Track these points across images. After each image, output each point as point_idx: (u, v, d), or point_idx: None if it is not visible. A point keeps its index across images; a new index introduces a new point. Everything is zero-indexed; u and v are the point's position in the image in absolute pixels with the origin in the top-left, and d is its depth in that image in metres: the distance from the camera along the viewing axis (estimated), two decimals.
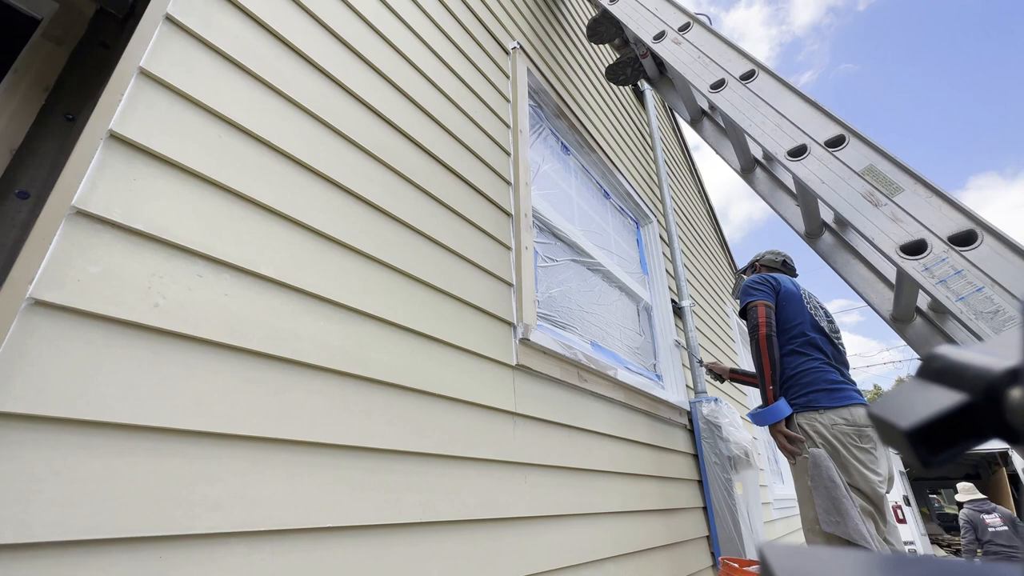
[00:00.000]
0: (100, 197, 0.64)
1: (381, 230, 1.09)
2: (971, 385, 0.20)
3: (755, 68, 1.55)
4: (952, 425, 0.19)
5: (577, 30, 2.79)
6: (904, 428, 0.20)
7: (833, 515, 1.52)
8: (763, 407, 1.74)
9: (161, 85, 0.74)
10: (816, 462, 1.60)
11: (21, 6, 1.13)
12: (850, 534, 1.48)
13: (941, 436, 0.20)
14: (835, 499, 1.53)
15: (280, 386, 0.79)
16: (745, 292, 1.94)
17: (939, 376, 0.21)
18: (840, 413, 1.66)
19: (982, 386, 0.19)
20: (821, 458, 1.60)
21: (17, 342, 0.54)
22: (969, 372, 0.20)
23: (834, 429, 1.64)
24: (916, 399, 0.21)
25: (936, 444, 0.20)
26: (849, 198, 1.17)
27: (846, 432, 1.63)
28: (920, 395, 0.21)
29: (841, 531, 1.49)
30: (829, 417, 1.66)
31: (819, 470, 1.59)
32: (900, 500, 8.97)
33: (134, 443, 0.61)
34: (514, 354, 1.38)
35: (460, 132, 1.47)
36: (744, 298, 1.92)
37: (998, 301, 0.90)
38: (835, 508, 1.52)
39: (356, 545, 0.83)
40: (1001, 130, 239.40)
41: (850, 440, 1.62)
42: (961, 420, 0.19)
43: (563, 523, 1.35)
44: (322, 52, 1.06)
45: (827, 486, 1.55)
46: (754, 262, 2.39)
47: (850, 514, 1.50)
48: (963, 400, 0.19)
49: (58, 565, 0.53)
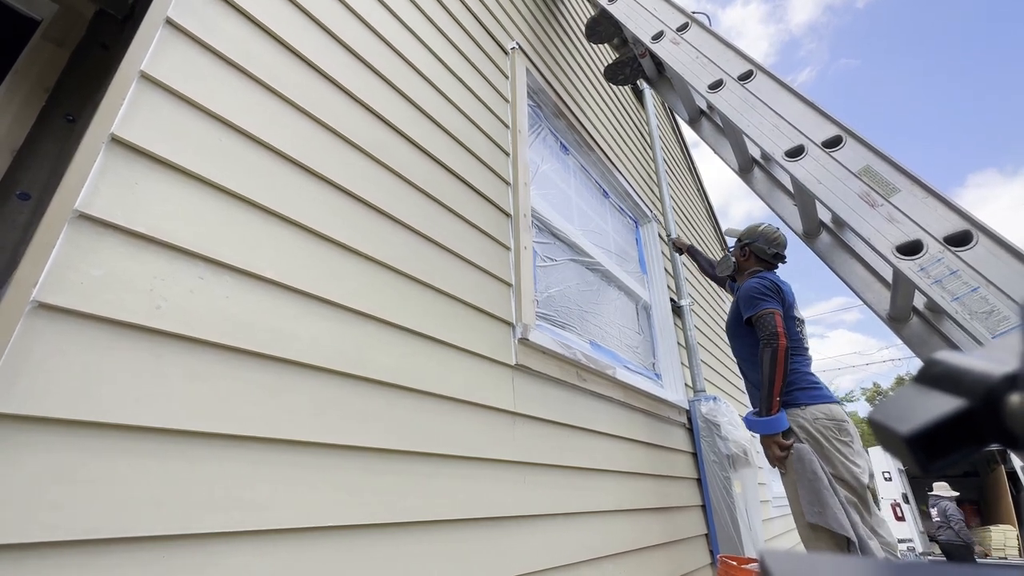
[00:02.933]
0: (102, 201, 0.64)
1: (380, 231, 1.09)
2: (970, 390, 0.19)
3: (753, 68, 1.55)
4: (951, 431, 0.19)
5: (576, 30, 2.79)
6: (904, 434, 0.20)
7: (816, 506, 1.59)
8: (761, 415, 1.75)
9: (162, 89, 0.75)
10: (800, 456, 1.67)
11: (21, 7, 1.13)
12: (829, 523, 1.55)
13: (940, 442, 0.19)
14: (816, 491, 1.60)
15: (280, 387, 0.79)
16: (752, 299, 1.89)
17: (938, 381, 0.21)
18: (820, 409, 1.75)
19: (981, 392, 0.19)
20: (805, 452, 1.67)
21: (21, 344, 0.55)
22: (968, 377, 0.20)
23: (816, 424, 1.73)
24: (915, 405, 0.21)
25: (935, 450, 0.20)
26: (846, 198, 1.18)
27: (827, 426, 1.72)
28: (919, 401, 0.21)
29: (822, 520, 1.56)
30: (811, 412, 1.75)
31: (803, 464, 1.65)
32: (899, 498, 9.00)
33: (136, 444, 0.62)
34: (513, 354, 1.39)
35: (459, 133, 1.48)
36: (754, 304, 1.88)
37: (993, 301, 0.91)
38: (817, 499, 1.60)
39: (356, 545, 0.84)
40: (1000, 127, 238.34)
41: (831, 433, 1.70)
42: (960, 426, 0.19)
43: (562, 522, 1.36)
44: (321, 54, 1.06)
45: (810, 479, 1.62)
46: (745, 245, 2.23)
47: (829, 504, 1.57)
48: (962, 406, 0.19)
49: (60, 566, 0.54)
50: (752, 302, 1.89)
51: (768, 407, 1.73)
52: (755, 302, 1.88)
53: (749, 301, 1.91)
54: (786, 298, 1.93)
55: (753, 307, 1.88)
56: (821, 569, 0.17)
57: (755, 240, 2.21)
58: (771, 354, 1.74)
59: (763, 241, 2.19)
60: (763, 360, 1.76)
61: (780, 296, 1.91)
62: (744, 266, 2.21)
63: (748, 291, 1.93)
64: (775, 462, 1.75)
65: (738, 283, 2.21)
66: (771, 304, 1.85)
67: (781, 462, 1.73)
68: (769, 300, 1.86)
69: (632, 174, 3.09)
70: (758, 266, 2.16)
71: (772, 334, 1.76)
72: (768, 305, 1.84)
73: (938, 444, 0.20)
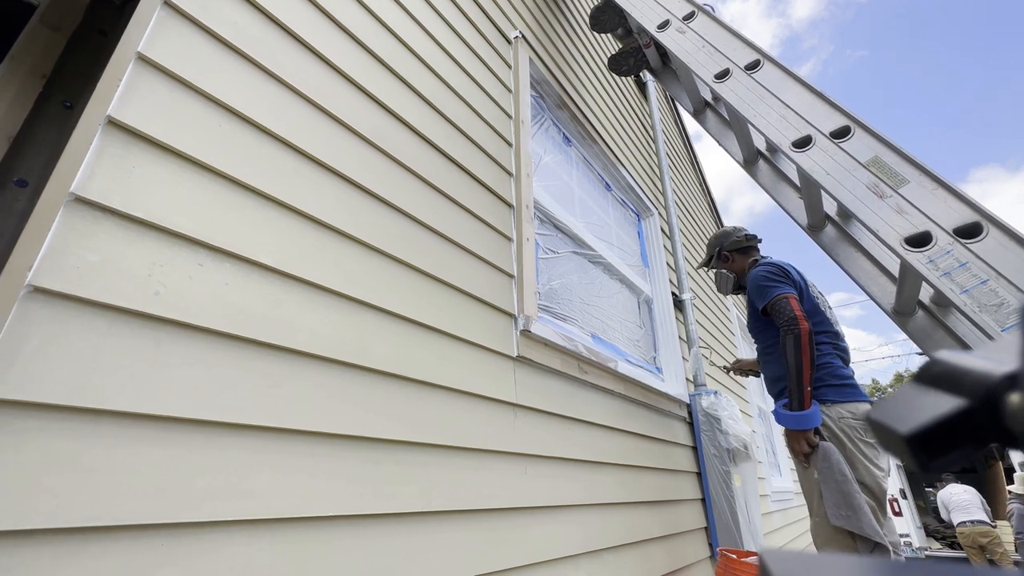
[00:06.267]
0: (99, 184, 0.63)
1: (381, 220, 1.08)
2: (970, 390, 0.20)
3: (760, 58, 1.53)
4: (951, 430, 0.19)
5: (580, 19, 2.76)
6: (903, 433, 0.20)
7: (844, 509, 1.48)
8: (793, 408, 1.61)
9: (160, 71, 0.73)
10: (826, 455, 1.56)
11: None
12: (864, 529, 1.44)
13: (940, 441, 0.20)
14: (846, 493, 1.49)
15: (280, 376, 0.79)
16: (760, 288, 1.77)
17: (938, 381, 0.21)
18: (847, 407, 1.63)
19: (981, 391, 0.19)
20: (831, 451, 1.55)
21: (16, 329, 0.54)
22: (968, 377, 0.20)
23: (841, 423, 1.61)
24: (915, 404, 0.21)
25: (935, 449, 0.20)
26: (854, 190, 1.16)
27: (852, 426, 1.60)
28: (919, 400, 0.21)
29: (853, 526, 1.45)
30: (836, 411, 1.63)
31: (829, 463, 1.54)
32: (896, 493, 9.04)
33: (134, 431, 0.61)
34: (515, 345, 1.38)
35: (461, 121, 1.46)
36: (764, 293, 1.74)
37: (1003, 294, 0.90)
38: (846, 503, 1.48)
39: (356, 535, 0.83)
40: (1004, 121, 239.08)
41: (856, 434, 1.58)
42: (960, 425, 0.19)
43: (562, 513, 1.36)
44: (321, 39, 1.05)
45: (837, 480, 1.51)
46: (719, 251, 2.17)
47: (863, 509, 1.46)
48: (962, 405, 0.19)
49: (58, 553, 0.53)
50: (761, 291, 1.76)
51: (800, 400, 1.58)
52: (764, 290, 1.75)
53: (758, 291, 1.78)
54: (796, 279, 1.79)
55: (764, 296, 1.74)
56: (820, 568, 0.17)
57: (722, 243, 2.16)
58: (794, 341, 1.59)
59: (727, 239, 2.15)
60: (786, 349, 1.61)
61: (790, 278, 1.77)
62: (737, 268, 2.14)
63: (754, 281, 1.82)
64: (799, 456, 1.65)
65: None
66: (782, 288, 1.71)
67: (806, 458, 1.62)
68: (779, 284, 1.73)
69: (635, 167, 3.07)
70: (748, 258, 2.09)
71: (791, 319, 1.61)
72: (780, 290, 1.70)
73: (938, 443, 0.20)
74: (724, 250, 2.16)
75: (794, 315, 1.62)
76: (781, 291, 1.70)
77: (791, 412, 1.61)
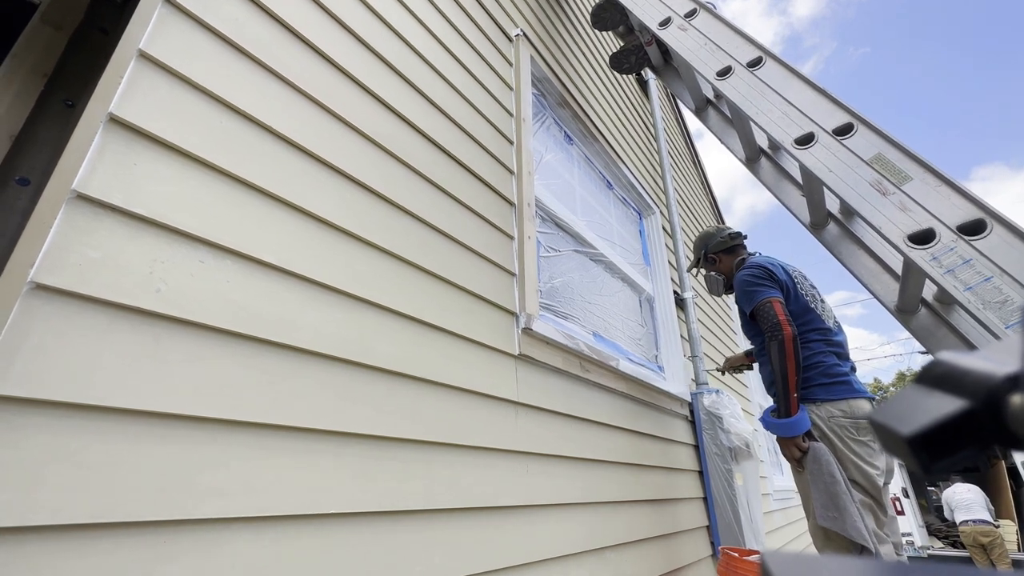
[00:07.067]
0: (100, 181, 0.63)
1: (383, 218, 1.08)
2: (972, 391, 0.19)
3: (762, 55, 1.52)
4: (953, 432, 0.19)
5: (581, 17, 2.75)
6: (905, 435, 0.20)
7: (831, 510, 1.48)
8: (780, 416, 1.60)
9: (161, 68, 0.73)
10: (816, 456, 1.56)
11: None
12: (847, 531, 1.44)
13: (942, 443, 0.20)
14: (833, 494, 1.49)
15: (282, 373, 0.79)
16: (745, 293, 1.76)
17: (940, 382, 0.21)
18: (838, 405, 1.62)
19: (983, 392, 0.19)
20: (821, 453, 1.56)
21: (18, 326, 0.54)
22: (970, 378, 0.20)
23: (831, 422, 1.61)
24: (917, 405, 0.21)
25: (937, 451, 0.20)
26: (857, 187, 1.16)
27: (843, 425, 1.59)
28: (921, 401, 0.21)
29: (839, 527, 1.46)
30: (826, 409, 1.63)
31: (819, 464, 1.55)
32: (899, 492, 9.02)
33: (137, 428, 0.61)
34: (516, 344, 1.38)
35: (463, 120, 1.46)
36: (749, 297, 1.73)
37: (1007, 291, 0.89)
38: (833, 504, 1.48)
39: (358, 532, 0.83)
40: (1007, 118, 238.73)
41: (847, 433, 1.58)
42: (962, 427, 0.19)
43: (564, 511, 1.36)
44: (323, 37, 1.04)
45: (826, 481, 1.51)
46: (705, 254, 2.16)
47: (848, 510, 1.46)
48: (964, 407, 0.19)
49: (62, 549, 0.53)
50: (747, 296, 1.76)
51: (787, 407, 1.57)
52: (749, 295, 1.74)
53: (744, 296, 1.77)
54: (780, 278, 1.77)
55: (750, 300, 1.74)
56: (822, 570, 0.17)
57: (707, 246, 2.15)
58: (778, 347, 1.59)
59: (711, 240, 2.14)
60: (771, 356, 1.62)
61: (774, 279, 1.75)
62: (725, 268, 2.13)
63: (739, 286, 1.80)
64: (793, 462, 1.64)
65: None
66: (766, 292, 1.69)
67: (799, 462, 1.61)
68: (762, 288, 1.71)
69: (636, 165, 3.07)
70: (735, 257, 2.08)
71: (774, 325, 1.61)
72: (763, 294, 1.69)
73: (940, 445, 0.20)
74: (710, 252, 2.16)
75: (777, 320, 1.61)
76: (765, 295, 1.69)
77: (777, 420, 1.61)
